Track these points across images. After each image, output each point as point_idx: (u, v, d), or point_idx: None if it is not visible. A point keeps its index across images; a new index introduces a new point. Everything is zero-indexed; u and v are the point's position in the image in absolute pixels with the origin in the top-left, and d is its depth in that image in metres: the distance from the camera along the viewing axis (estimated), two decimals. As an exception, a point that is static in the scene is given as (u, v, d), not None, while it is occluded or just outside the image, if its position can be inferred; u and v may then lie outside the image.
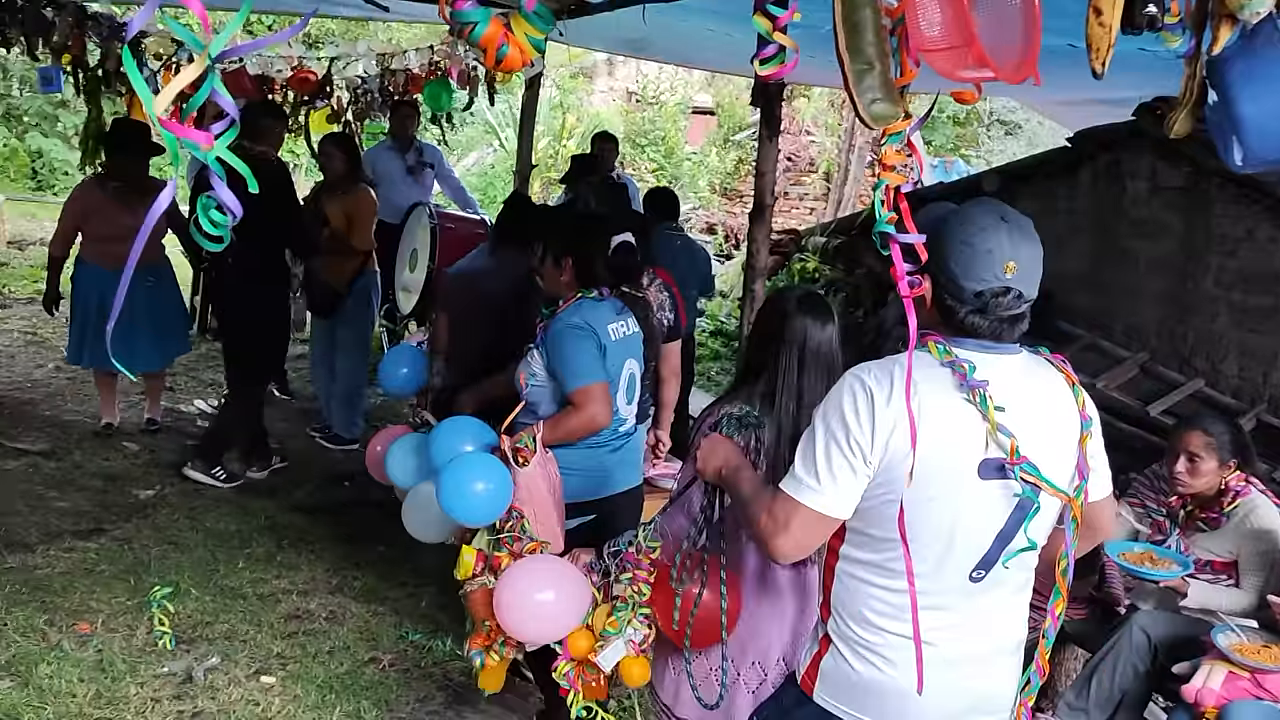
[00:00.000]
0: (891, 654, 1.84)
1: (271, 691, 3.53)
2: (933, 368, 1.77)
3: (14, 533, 4.44)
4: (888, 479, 1.76)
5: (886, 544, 1.81)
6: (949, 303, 1.77)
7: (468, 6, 2.00)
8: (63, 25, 7.00)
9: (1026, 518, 1.77)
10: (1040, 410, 1.81)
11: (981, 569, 1.81)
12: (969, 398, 1.74)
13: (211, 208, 1.35)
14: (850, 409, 1.76)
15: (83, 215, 5.46)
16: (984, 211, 1.76)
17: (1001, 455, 1.74)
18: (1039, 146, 12.59)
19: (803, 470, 1.81)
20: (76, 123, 13.08)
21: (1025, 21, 1.46)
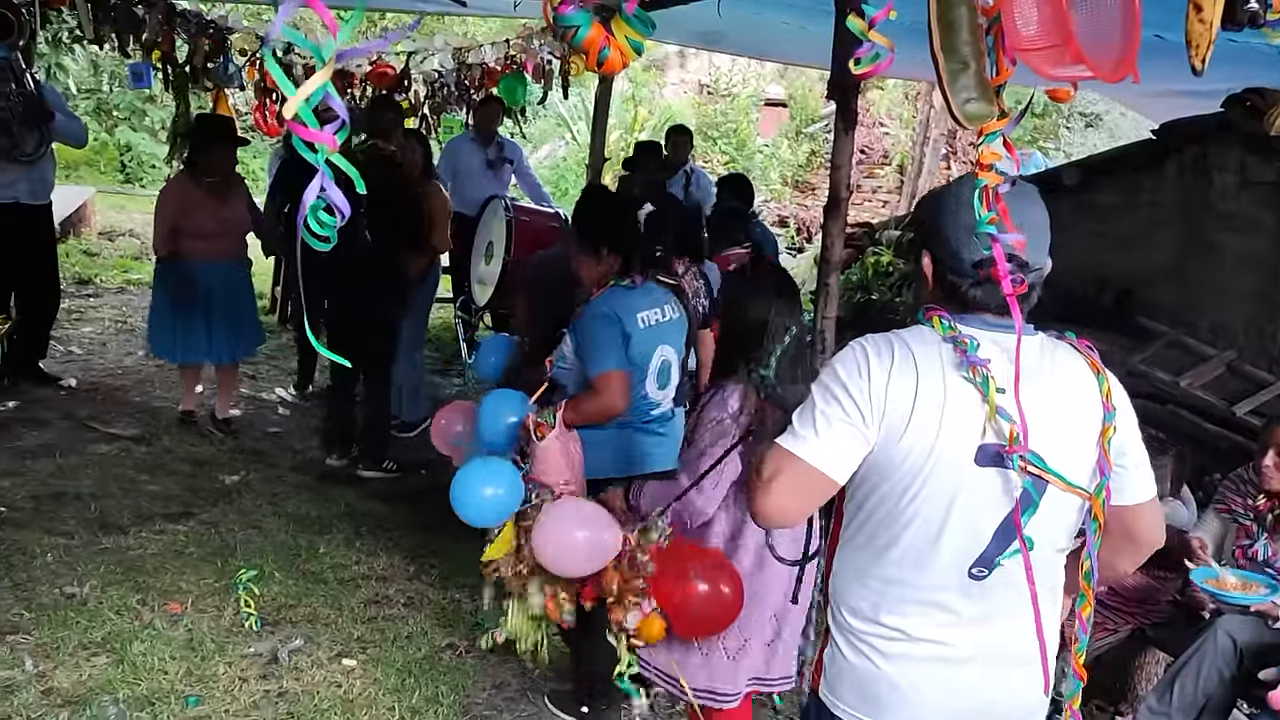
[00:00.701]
0: (885, 646, 1.75)
1: (352, 674, 3.62)
2: (933, 344, 1.67)
3: (109, 515, 4.61)
4: (882, 456, 1.67)
5: (877, 527, 1.73)
6: (950, 278, 1.69)
7: (570, 11, 2.03)
8: (153, 22, 7.21)
9: (1024, 514, 1.65)
10: (1054, 397, 1.68)
11: (982, 566, 1.69)
12: (969, 376, 1.63)
13: (321, 208, 1.39)
14: (850, 371, 1.68)
15: (181, 211, 5.45)
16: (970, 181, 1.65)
17: (1000, 442, 1.62)
18: (1121, 139, 12.31)
19: (800, 424, 1.71)
20: (164, 117, 13.46)
21: (1124, 18, 1.44)
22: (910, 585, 1.72)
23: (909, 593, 1.72)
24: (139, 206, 12.41)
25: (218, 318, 5.62)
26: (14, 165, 5.77)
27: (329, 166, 1.38)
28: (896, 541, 1.71)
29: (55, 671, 3.41)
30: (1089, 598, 1.76)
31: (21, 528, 4.37)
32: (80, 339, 7.42)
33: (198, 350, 5.68)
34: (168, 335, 5.70)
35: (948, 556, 1.69)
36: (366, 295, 5.25)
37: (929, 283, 1.74)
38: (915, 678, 1.74)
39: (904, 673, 1.74)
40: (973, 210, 1.59)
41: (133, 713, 3.25)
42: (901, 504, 1.68)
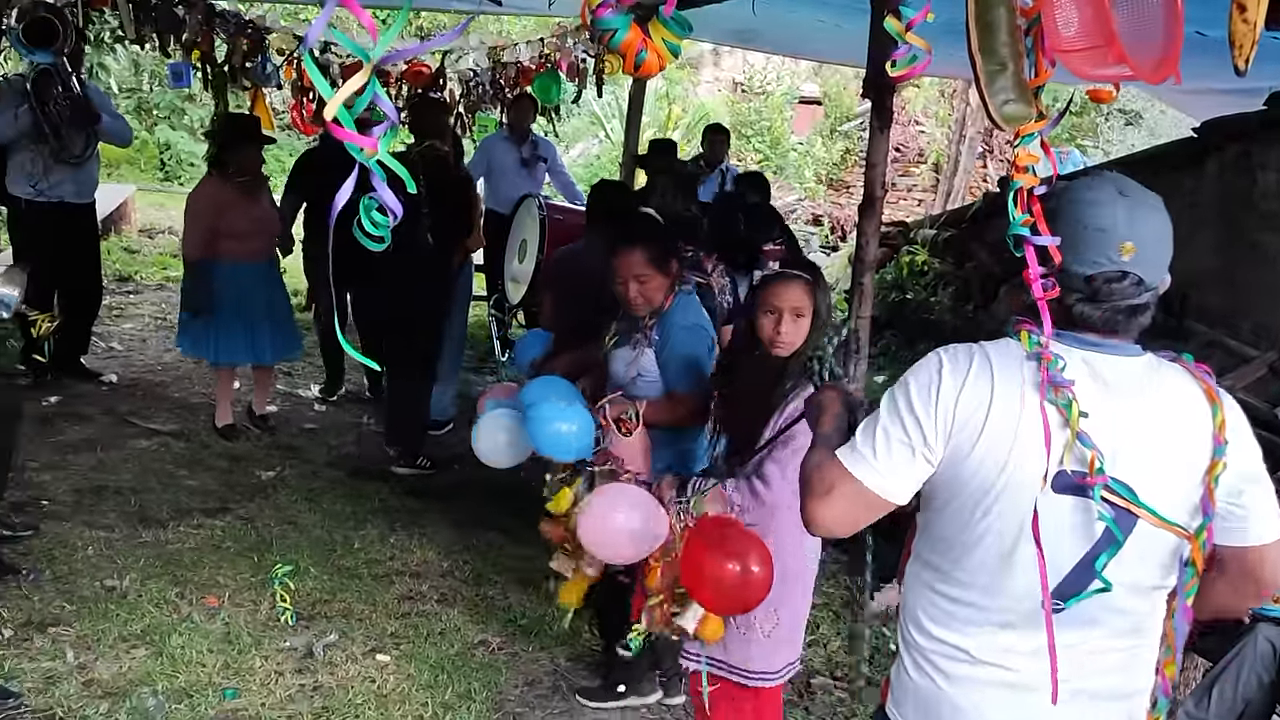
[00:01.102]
0: (948, 666, 1.69)
1: (386, 669, 3.65)
2: (1017, 359, 1.58)
3: (148, 509, 4.68)
4: (952, 470, 1.60)
5: (946, 544, 1.66)
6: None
7: (608, 14, 2.04)
8: (192, 22, 7.29)
9: (1106, 552, 1.53)
10: (1154, 424, 1.56)
11: (1058, 598, 1.58)
12: (1052, 396, 1.52)
13: (374, 209, 1.40)
14: (920, 387, 1.61)
15: (216, 213, 5.39)
16: (1098, 184, 1.55)
17: (1080, 469, 1.51)
18: (1161, 137, 12.16)
19: (861, 439, 1.66)
20: (203, 116, 13.62)
21: (1166, 17, 1.42)
22: (978, 606, 1.65)
23: (976, 614, 1.66)
24: (178, 204, 12.48)
25: (258, 318, 5.62)
26: (62, 166, 5.86)
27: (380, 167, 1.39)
28: (965, 560, 1.64)
29: (96, 663, 3.46)
30: (1173, 653, 1.66)
31: (63, 521, 4.45)
32: (121, 335, 7.53)
33: (237, 350, 5.66)
34: (203, 334, 5.60)
35: (1019, 582, 1.60)
36: (425, 294, 5.38)
37: (1031, 295, 1.61)
38: (979, 701, 1.68)
39: (967, 695, 1.68)
40: (1093, 217, 1.50)
41: (171, 705, 3.29)
42: (971, 521, 1.61)
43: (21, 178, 5.82)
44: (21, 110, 5.63)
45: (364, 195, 1.42)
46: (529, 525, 4.99)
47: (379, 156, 1.36)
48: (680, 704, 3.67)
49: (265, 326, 5.67)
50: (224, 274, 5.47)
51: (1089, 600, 1.58)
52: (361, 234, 1.41)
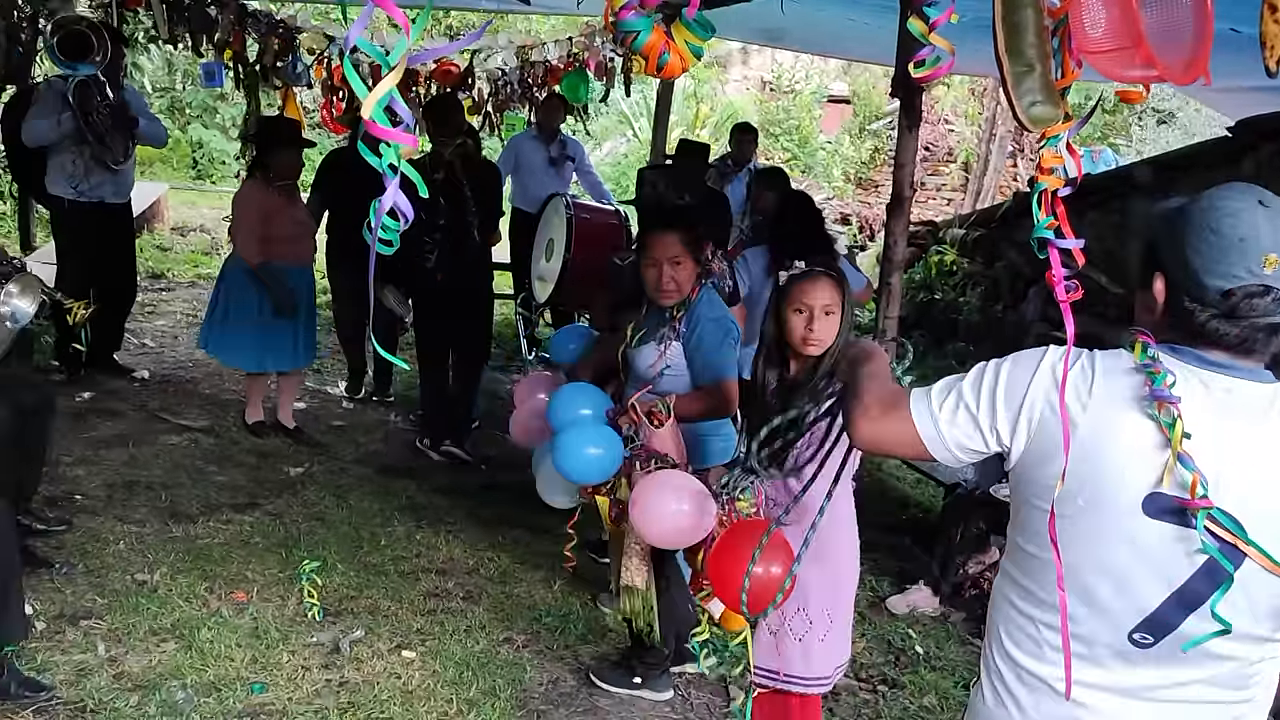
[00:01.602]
0: (1021, 694, 1.58)
1: (412, 666, 3.67)
2: (1123, 371, 1.47)
3: (178, 504, 4.73)
4: (1031, 473, 1.52)
5: (1031, 560, 1.56)
6: (1187, 304, 1.44)
7: (631, 16, 2.05)
8: (225, 22, 7.37)
9: (1219, 590, 1.39)
10: (1272, 456, 1.43)
11: (1147, 633, 1.46)
12: (1154, 412, 1.41)
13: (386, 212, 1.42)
14: (1016, 370, 1.55)
15: (264, 217, 5.35)
16: (1236, 193, 1.43)
17: (1180, 494, 1.39)
18: (1195, 136, 12.03)
19: (938, 390, 1.62)
20: (234, 115, 13.75)
21: (1196, 17, 1.41)
22: (1057, 630, 1.52)
23: (1055, 638, 1.53)
24: (210, 202, 12.71)
25: (302, 322, 5.62)
26: (101, 167, 5.92)
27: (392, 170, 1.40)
28: (1046, 579, 1.53)
29: (126, 656, 3.51)
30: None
31: (95, 515, 4.51)
32: (153, 332, 7.61)
33: (285, 357, 5.63)
34: (250, 343, 5.50)
35: (1105, 613, 1.49)
36: (484, 285, 5.65)
37: (1159, 308, 1.50)
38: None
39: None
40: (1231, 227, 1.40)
41: (200, 698, 3.33)
42: (1052, 538, 1.50)
43: (62, 179, 5.88)
44: (64, 116, 5.67)
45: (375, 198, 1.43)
46: (555, 524, 5.03)
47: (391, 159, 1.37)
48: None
49: (302, 331, 5.65)
50: (280, 278, 5.44)
51: (1176, 641, 1.47)
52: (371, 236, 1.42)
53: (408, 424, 6.30)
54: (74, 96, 5.62)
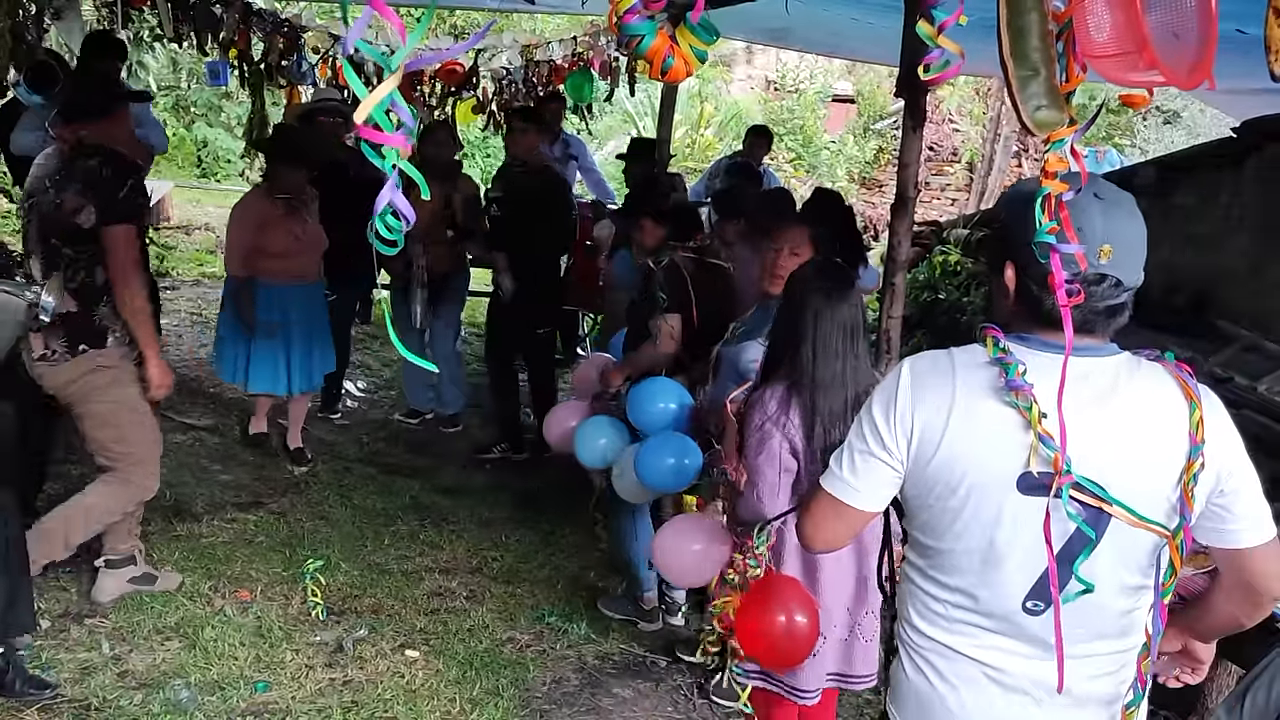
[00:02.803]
0: (940, 664, 1.71)
1: (415, 665, 3.68)
2: (980, 365, 1.60)
3: (183, 503, 4.74)
4: (919, 477, 1.64)
5: (928, 549, 1.70)
6: (1035, 292, 1.55)
7: (635, 20, 2.05)
8: (230, 21, 7.38)
9: (1082, 552, 1.54)
10: (1124, 423, 1.56)
11: (1038, 599, 1.60)
12: (1011, 400, 1.54)
13: (388, 213, 1.42)
14: (883, 398, 1.67)
15: (258, 229, 5.05)
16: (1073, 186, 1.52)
17: (1046, 470, 1.52)
18: (1200, 136, 12.01)
19: (834, 459, 1.74)
20: (239, 113, 13.76)
21: (1200, 21, 1.41)
22: (965, 607, 1.67)
23: (962, 613, 1.68)
24: (214, 201, 12.71)
25: (295, 346, 5.24)
26: None
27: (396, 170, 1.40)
28: (948, 562, 1.67)
29: (130, 655, 3.52)
30: (1150, 649, 1.65)
31: (100, 514, 4.51)
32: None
33: (266, 379, 5.24)
34: (232, 360, 5.26)
35: (998, 586, 1.63)
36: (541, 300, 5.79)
37: (1010, 295, 1.62)
38: (968, 700, 1.69)
39: (959, 693, 1.70)
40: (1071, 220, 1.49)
41: (203, 696, 3.34)
42: (945, 525, 1.64)
43: None
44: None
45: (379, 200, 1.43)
46: (558, 525, 5.05)
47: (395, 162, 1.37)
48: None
49: (299, 354, 5.27)
50: (261, 296, 5.13)
51: (1076, 602, 1.59)
52: (376, 239, 1.42)
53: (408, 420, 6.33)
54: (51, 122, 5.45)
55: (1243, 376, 5.47)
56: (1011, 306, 1.63)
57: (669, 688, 3.76)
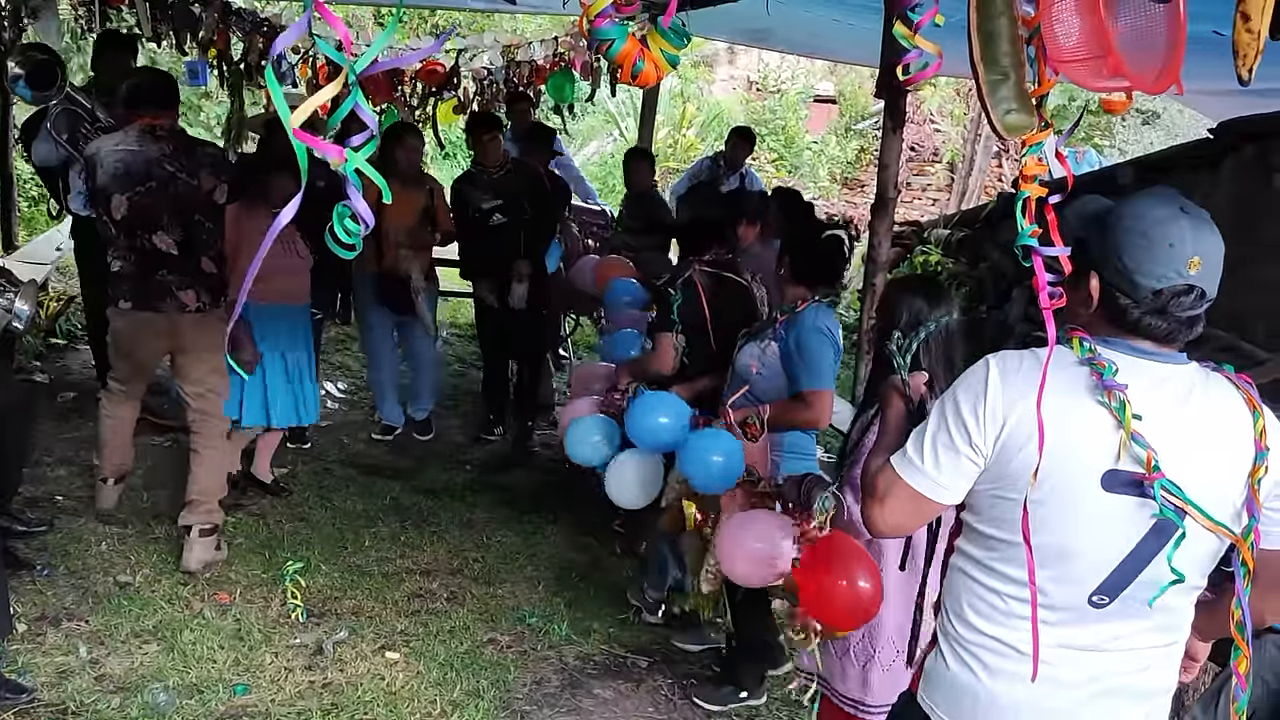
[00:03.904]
0: (989, 659, 1.73)
1: (396, 667, 3.67)
2: (1068, 365, 1.64)
3: (160, 505, 4.71)
4: (1001, 473, 1.66)
5: (995, 542, 1.71)
6: (1122, 302, 1.61)
7: (606, 24, 2.05)
8: (209, 21, 7.35)
9: (1173, 544, 1.59)
10: (1201, 430, 1.62)
11: (1104, 594, 1.64)
12: (1103, 400, 1.58)
13: (346, 216, 1.41)
14: (971, 394, 1.68)
15: (234, 244, 4.50)
16: (1161, 201, 1.60)
17: (1137, 469, 1.57)
18: (1179, 137, 12.09)
19: (913, 447, 1.75)
20: (219, 113, 13.66)
21: (1169, 26, 1.42)
22: (1022, 601, 1.69)
23: (1025, 608, 1.69)
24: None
25: (280, 373, 4.85)
26: None
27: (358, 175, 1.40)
28: (1013, 557, 1.68)
29: (108, 658, 3.50)
30: (1244, 651, 1.68)
31: (77, 517, 4.49)
32: (136, 331, 7.56)
33: (258, 410, 4.81)
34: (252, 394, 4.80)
35: (1067, 581, 1.66)
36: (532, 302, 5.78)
37: (1094, 304, 1.66)
38: (1016, 694, 1.72)
39: (1006, 690, 1.72)
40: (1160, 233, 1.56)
41: (182, 700, 3.32)
42: (1019, 520, 1.65)
43: (76, 195, 5.68)
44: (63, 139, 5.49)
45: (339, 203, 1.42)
46: (540, 527, 5.05)
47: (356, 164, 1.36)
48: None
49: (282, 381, 4.86)
50: (244, 318, 4.61)
51: (1129, 598, 1.64)
52: (334, 242, 1.42)
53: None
54: (53, 125, 5.23)
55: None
56: (1093, 315, 1.67)
57: (650, 688, 3.76)
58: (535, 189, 5.79)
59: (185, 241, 4.13)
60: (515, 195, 5.62)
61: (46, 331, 6.57)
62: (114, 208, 4.04)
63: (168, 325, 4.19)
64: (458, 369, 7.65)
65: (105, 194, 4.05)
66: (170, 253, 4.12)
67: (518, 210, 5.62)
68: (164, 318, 4.17)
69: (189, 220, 4.12)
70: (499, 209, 5.63)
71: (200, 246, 4.18)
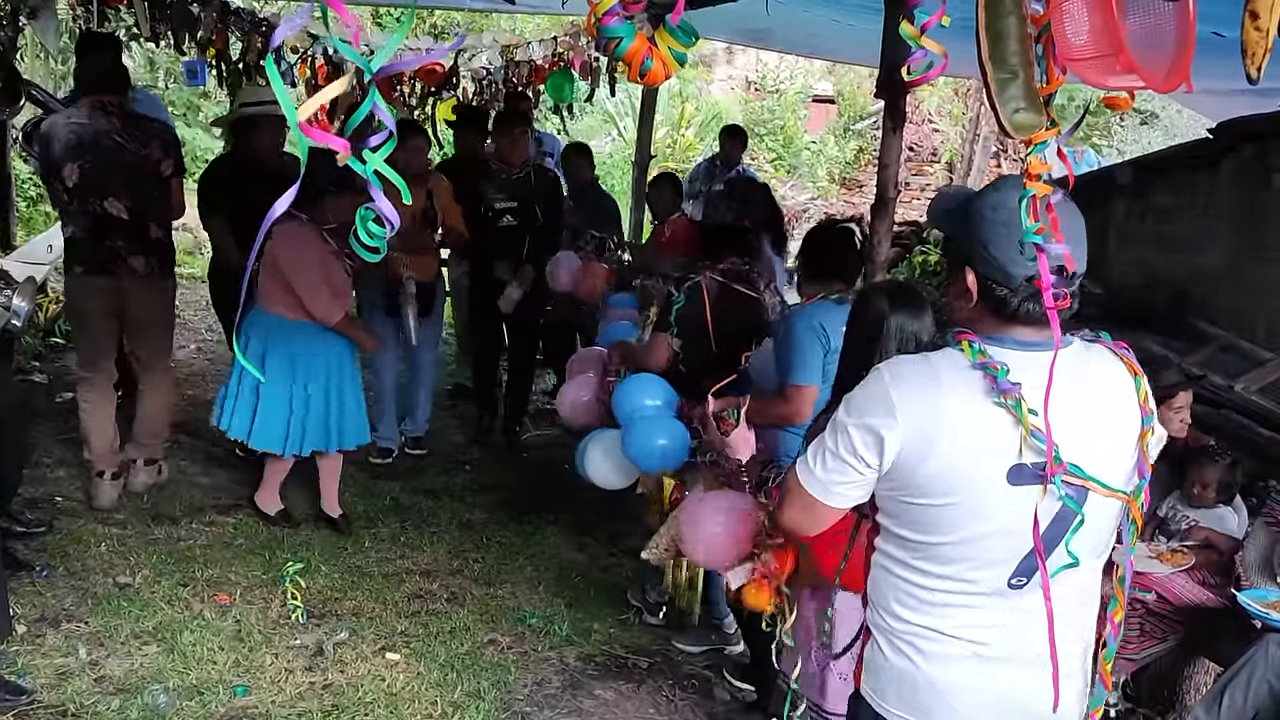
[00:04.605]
0: (923, 644, 1.78)
1: (396, 668, 3.66)
2: (962, 369, 1.68)
3: (160, 506, 4.70)
4: (906, 481, 1.70)
5: (913, 543, 1.76)
6: (999, 293, 1.64)
7: (613, 23, 2.04)
8: (207, 20, 7.32)
9: (1071, 530, 1.67)
10: (1090, 404, 1.70)
11: (1021, 576, 1.71)
12: (999, 401, 1.63)
13: (370, 219, 1.40)
14: (866, 403, 1.72)
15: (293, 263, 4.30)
16: (1012, 189, 1.61)
17: (1038, 461, 1.63)
18: (1177, 137, 12.09)
19: (810, 453, 1.81)
20: (218, 113, 13.65)
21: (1178, 27, 1.41)
22: (948, 591, 1.75)
23: (946, 598, 1.75)
24: (192, 200, 12.60)
25: (315, 392, 4.47)
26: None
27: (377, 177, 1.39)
28: (932, 553, 1.74)
29: (108, 660, 3.48)
30: (1120, 601, 1.79)
31: (77, 518, 4.47)
32: (135, 332, 7.55)
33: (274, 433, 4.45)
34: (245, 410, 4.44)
35: (984, 570, 1.72)
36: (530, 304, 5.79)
37: (972, 299, 1.69)
38: (953, 676, 1.78)
39: (942, 669, 1.78)
40: (1019, 220, 1.57)
41: (182, 701, 3.31)
42: (932, 520, 1.71)
43: None
44: None
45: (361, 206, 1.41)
46: (540, 527, 5.05)
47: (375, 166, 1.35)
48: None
49: (320, 406, 4.48)
50: (268, 326, 4.40)
51: (1060, 575, 1.71)
52: (359, 245, 1.40)
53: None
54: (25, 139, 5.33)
55: (1220, 376, 5.52)
56: (974, 309, 1.70)
57: (650, 689, 3.76)
58: (552, 197, 5.73)
59: (134, 208, 4.42)
60: (530, 199, 5.56)
61: (45, 332, 6.57)
62: (66, 175, 4.31)
63: (117, 289, 4.46)
64: (455, 369, 7.63)
65: (59, 165, 4.31)
66: (121, 218, 4.39)
67: (530, 215, 5.56)
68: (114, 281, 4.44)
69: (137, 189, 4.41)
70: (511, 210, 5.55)
71: (149, 214, 4.48)
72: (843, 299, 3.35)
